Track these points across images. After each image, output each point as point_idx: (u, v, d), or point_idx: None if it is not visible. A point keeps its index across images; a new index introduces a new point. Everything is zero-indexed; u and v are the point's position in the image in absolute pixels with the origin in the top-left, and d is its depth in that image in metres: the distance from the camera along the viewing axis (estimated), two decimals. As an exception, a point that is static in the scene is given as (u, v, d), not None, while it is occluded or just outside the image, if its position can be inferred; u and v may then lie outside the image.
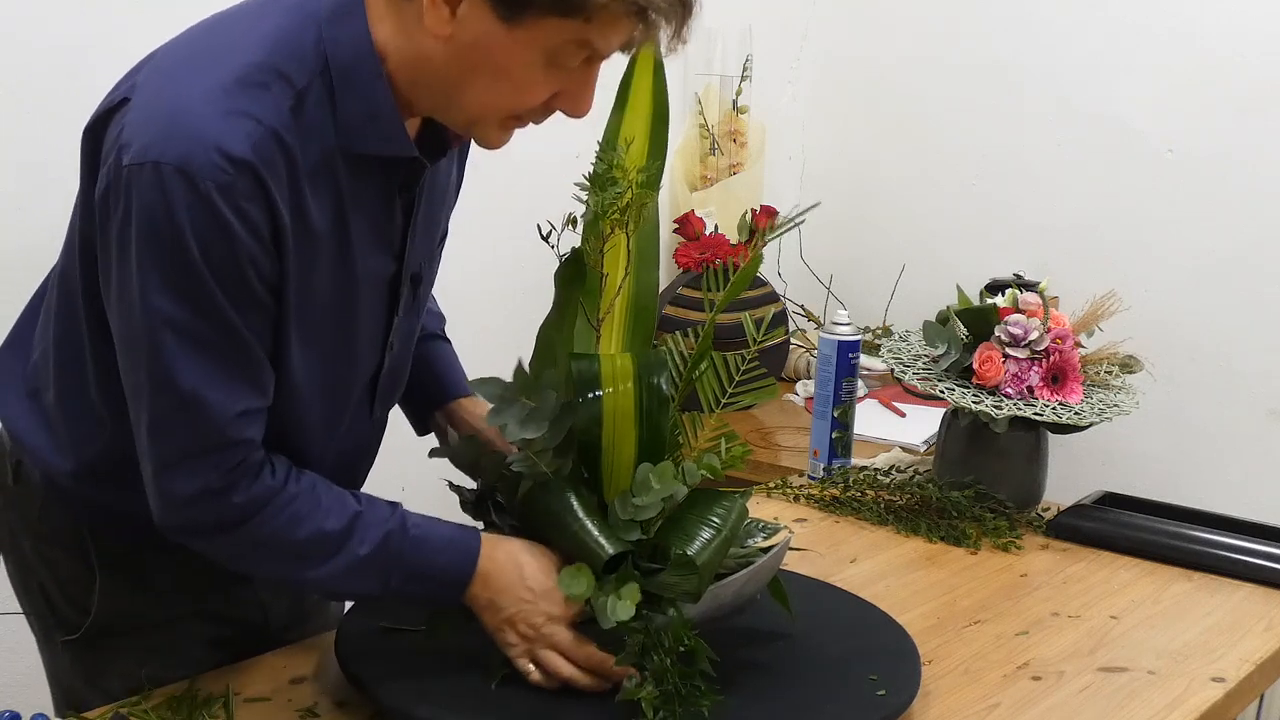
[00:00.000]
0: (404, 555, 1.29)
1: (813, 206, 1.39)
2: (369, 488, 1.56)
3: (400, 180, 1.30)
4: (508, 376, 1.34)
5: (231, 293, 1.18)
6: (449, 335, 1.65)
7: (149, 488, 1.25)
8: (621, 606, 1.28)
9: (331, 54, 1.20)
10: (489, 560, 1.32)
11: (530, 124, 1.27)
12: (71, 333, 1.32)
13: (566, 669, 1.31)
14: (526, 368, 1.35)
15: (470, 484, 1.46)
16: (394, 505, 1.32)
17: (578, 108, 1.25)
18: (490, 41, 1.17)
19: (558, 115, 1.28)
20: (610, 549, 1.31)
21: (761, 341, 1.47)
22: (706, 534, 1.33)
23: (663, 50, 1.25)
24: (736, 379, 1.46)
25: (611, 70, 1.41)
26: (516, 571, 1.32)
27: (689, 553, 1.30)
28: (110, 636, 1.42)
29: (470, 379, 1.37)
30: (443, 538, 1.32)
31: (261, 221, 1.17)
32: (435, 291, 1.66)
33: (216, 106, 1.15)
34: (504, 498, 1.40)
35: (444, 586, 1.32)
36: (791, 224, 1.38)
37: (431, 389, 1.58)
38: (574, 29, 1.17)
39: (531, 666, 1.32)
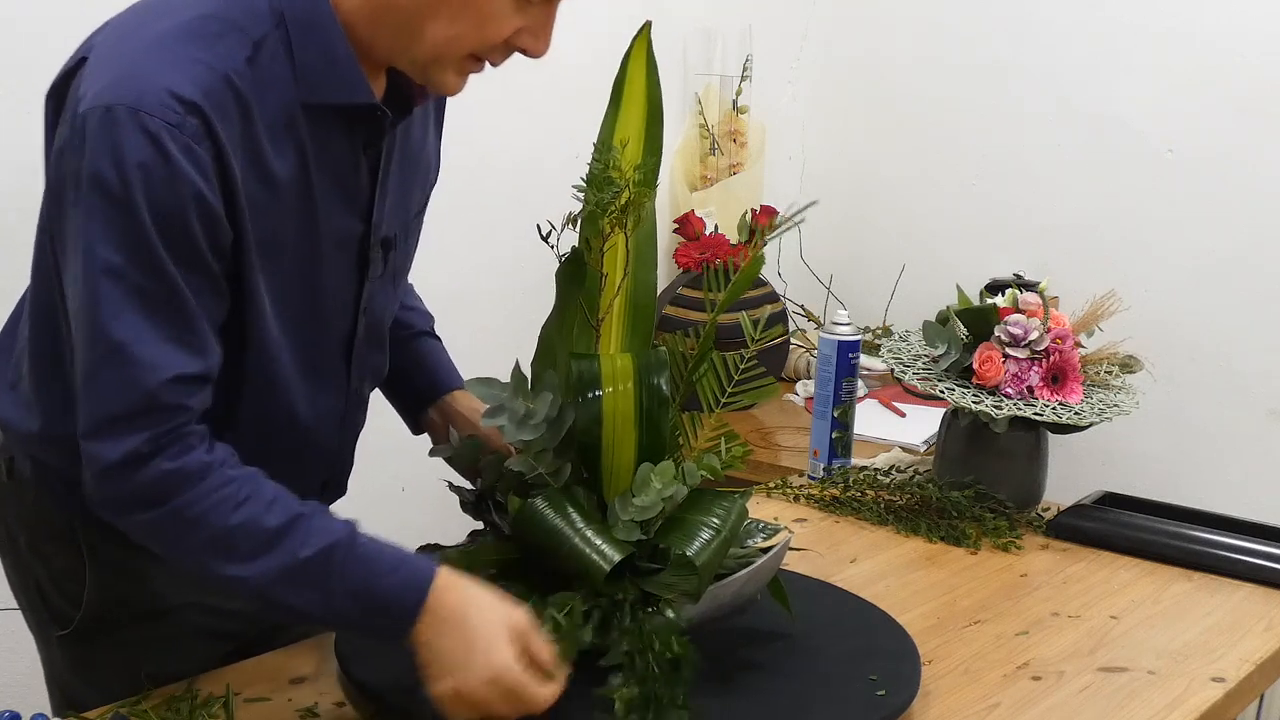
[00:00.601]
0: (348, 569, 1.20)
1: (810, 205, 1.39)
2: (368, 489, 1.57)
3: (364, 136, 1.30)
4: (507, 377, 1.34)
5: (175, 246, 1.16)
6: (449, 334, 1.64)
7: (82, 456, 1.20)
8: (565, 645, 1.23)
9: (285, 6, 1.22)
10: (444, 592, 1.21)
11: (489, 66, 1.28)
12: (48, 312, 1.30)
13: (539, 702, 1.22)
14: (526, 368, 1.35)
15: (470, 485, 1.46)
16: (348, 521, 1.24)
17: (537, 46, 1.26)
18: None
19: (557, 112, 1.27)
20: (614, 556, 1.30)
21: (761, 341, 1.47)
22: (706, 534, 1.32)
23: None
24: (736, 379, 1.46)
25: (609, 70, 1.41)
26: (461, 627, 1.21)
27: (689, 553, 1.30)
28: (103, 630, 1.41)
29: (468, 379, 1.37)
30: (394, 558, 1.23)
31: (210, 164, 1.17)
32: (434, 290, 1.66)
33: (169, 53, 1.17)
34: (504, 499, 1.40)
35: (389, 614, 1.21)
36: (790, 223, 1.38)
37: (423, 386, 1.57)
38: None
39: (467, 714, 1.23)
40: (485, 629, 1.21)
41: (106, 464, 1.18)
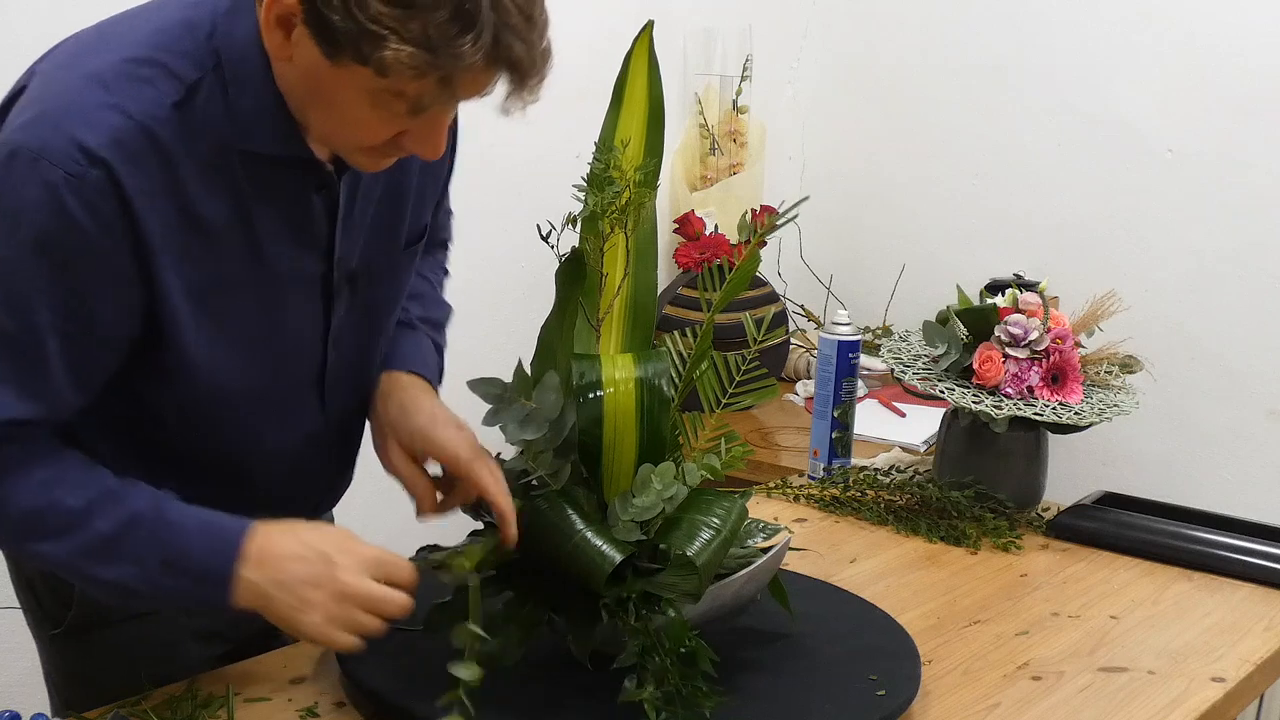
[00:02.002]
0: (156, 538, 1.21)
1: (802, 200, 1.38)
2: (369, 489, 1.57)
3: (315, 180, 1.27)
4: (507, 377, 1.34)
5: (54, 294, 1.15)
6: (448, 334, 1.63)
7: None
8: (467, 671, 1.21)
9: (224, 49, 1.18)
10: (263, 538, 1.22)
11: (399, 155, 1.24)
12: None
13: (374, 625, 1.24)
14: (527, 368, 1.35)
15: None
16: (159, 492, 1.24)
17: (423, 151, 1.21)
18: (320, 74, 1.14)
19: (557, 112, 1.27)
20: (616, 557, 1.30)
21: (761, 341, 1.47)
22: (706, 534, 1.32)
23: (503, 106, 1.17)
24: (737, 379, 1.46)
25: (608, 70, 1.41)
26: (294, 541, 1.23)
27: (689, 553, 1.30)
28: (94, 629, 1.41)
29: (468, 379, 1.36)
30: (202, 522, 1.23)
31: (113, 217, 1.14)
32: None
33: (88, 98, 1.15)
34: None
35: (204, 577, 1.22)
36: (785, 219, 1.37)
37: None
38: (377, 80, 1.12)
39: (347, 635, 1.23)
40: (315, 531, 1.25)
41: None
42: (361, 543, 1.26)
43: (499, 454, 1.39)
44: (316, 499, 1.50)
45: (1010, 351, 1.89)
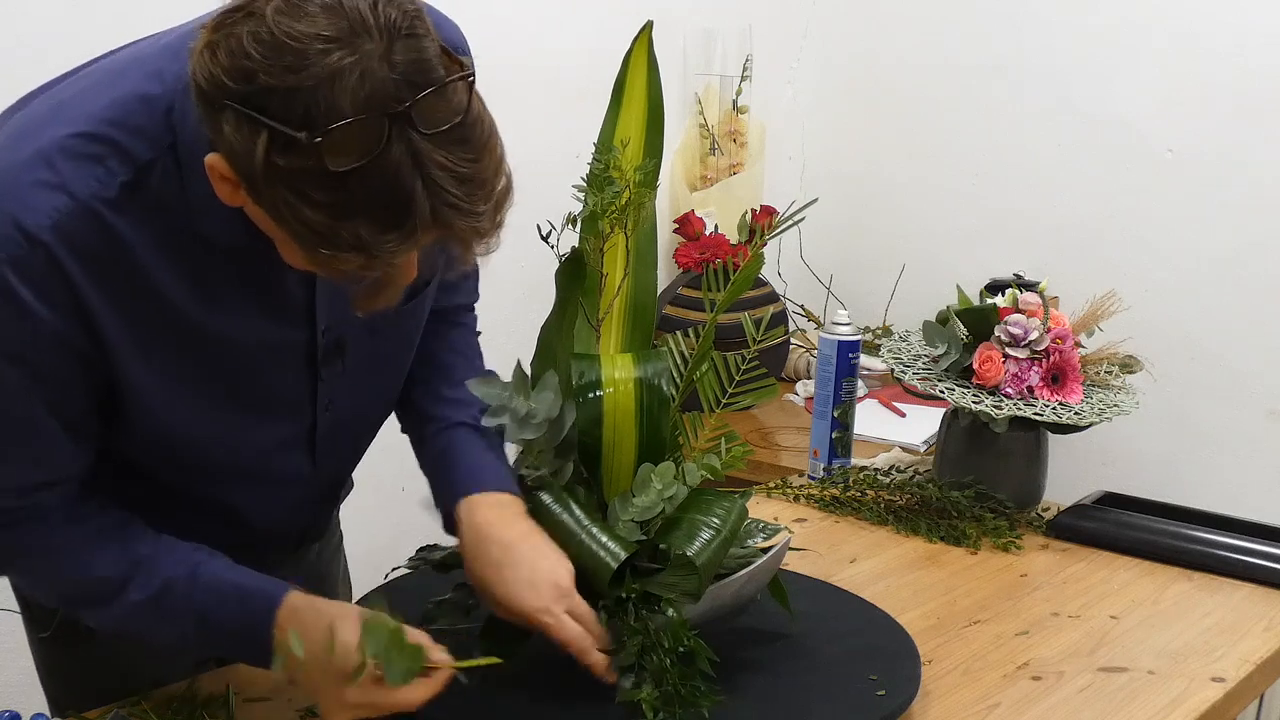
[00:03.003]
0: (192, 601, 1.22)
1: (810, 203, 1.39)
2: (368, 489, 1.57)
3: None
4: (507, 377, 1.34)
5: (23, 367, 1.13)
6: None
7: None
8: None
9: (180, 128, 1.12)
10: (287, 615, 1.22)
11: None
12: None
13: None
14: (526, 368, 1.35)
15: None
16: (196, 551, 1.24)
17: (372, 304, 1.11)
18: (269, 228, 1.08)
19: (557, 112, 1.26)
20: (621, 553, 1.30)
21: (761, 341, 1.47)
22: (706, 534, 1.32)
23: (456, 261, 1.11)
24: (737, 379, 1.46)
25: (608, 70, 1.41)
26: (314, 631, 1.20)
27: (689, 553, 1.30)
28: (81, 636, 1.40)
29: (468, 380, 1.35)
30: (236, 588, 1.23)
31: (62, 298, 1.11)
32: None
33: (33, 176, 1.10)
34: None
35: (241, 641, 1.24)
36: (790, 222, 1.38)
37: (441, 488, 1.41)
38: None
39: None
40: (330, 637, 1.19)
41: None
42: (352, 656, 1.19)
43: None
44: (304, 529, 1.49)
45: (1010, 351, 1.89)
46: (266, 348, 1.25)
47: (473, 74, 1.05)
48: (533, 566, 1.28)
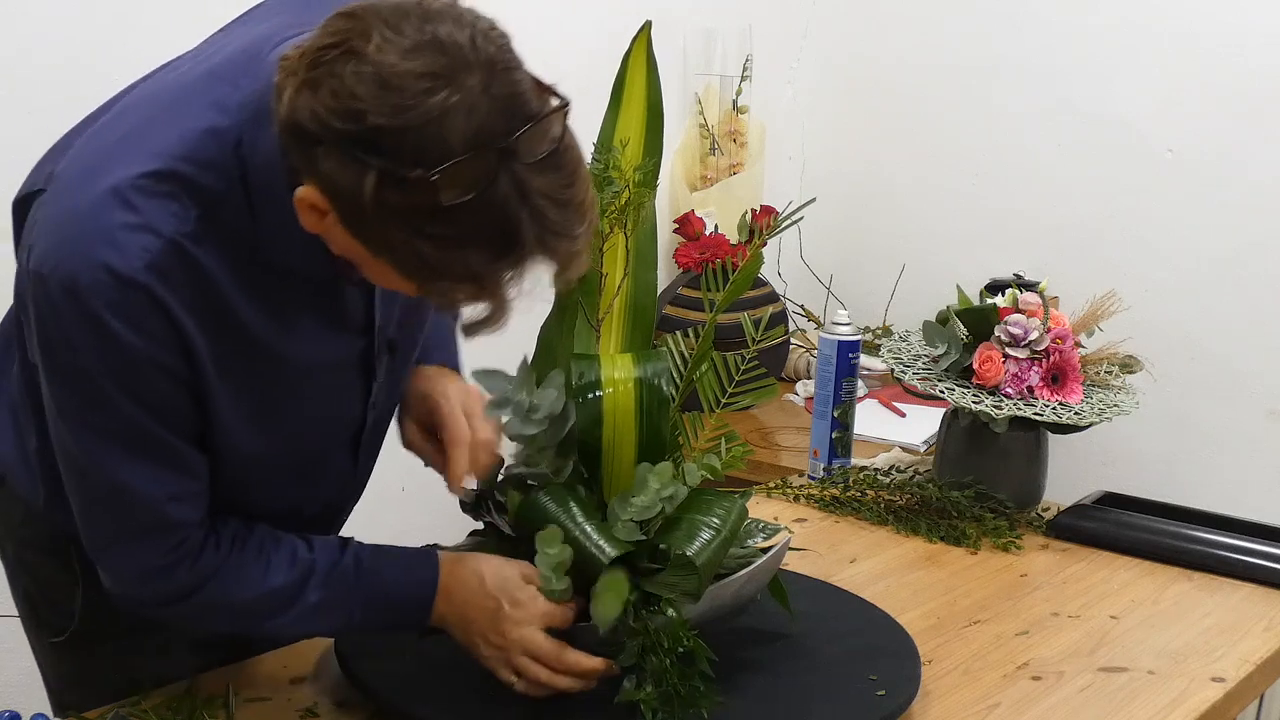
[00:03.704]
0: (359, 590, 1.29)
1: (809, 202, 1.39)
2: (369, 489, 1.57)
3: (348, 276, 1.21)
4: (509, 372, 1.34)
5: (141, 399, 1.16)
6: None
7: (96, 565, 1.26)
8: (606, 604, 1.26)
9: (249, 160, 1.13)
10: (449, 576, 1.31)
11: None
12: (31, 375, 1.28)
13: (545, 674, 1.29)
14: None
15: (470, 484, 1.45)
16: (345, 543, 1.31)
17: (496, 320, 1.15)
18: (360, 256, 1.11)
19: None
20: (611, 552, 1.30)
21: (761, 341, 1.47)
22: (706, 534, 1.32)
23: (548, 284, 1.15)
24: (736, 379, 1.46)
25: (609, 70, 1.41)
26: (477, 582, 1.30)
27: (688, 553, 1.30)
28: (96, 641, 1.41)
29: (473, 369, 1.36)
30: (396, 566, 1.31)
31: (162, 331, 1.13)
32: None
33: (112, 219, 1.11)
34: (504, 499, 1.40)
35: (407, 612, 1.31)
36: (789, 221, 1.38)
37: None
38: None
39: (513, 676, 1.30)
40: (497, 570, 1.30)
41: (123, 576, 1.25)
42: (535, 591, 1.30)
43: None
44: (330, 522, 1.50)
45: (1010, 351, 1.89)
46: (332, 359, 1.29)
47: (569, 104, 1.10)
48: (458, 381, 1.41)
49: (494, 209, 1.03)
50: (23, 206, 1.23)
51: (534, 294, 1.13)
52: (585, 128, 1.35)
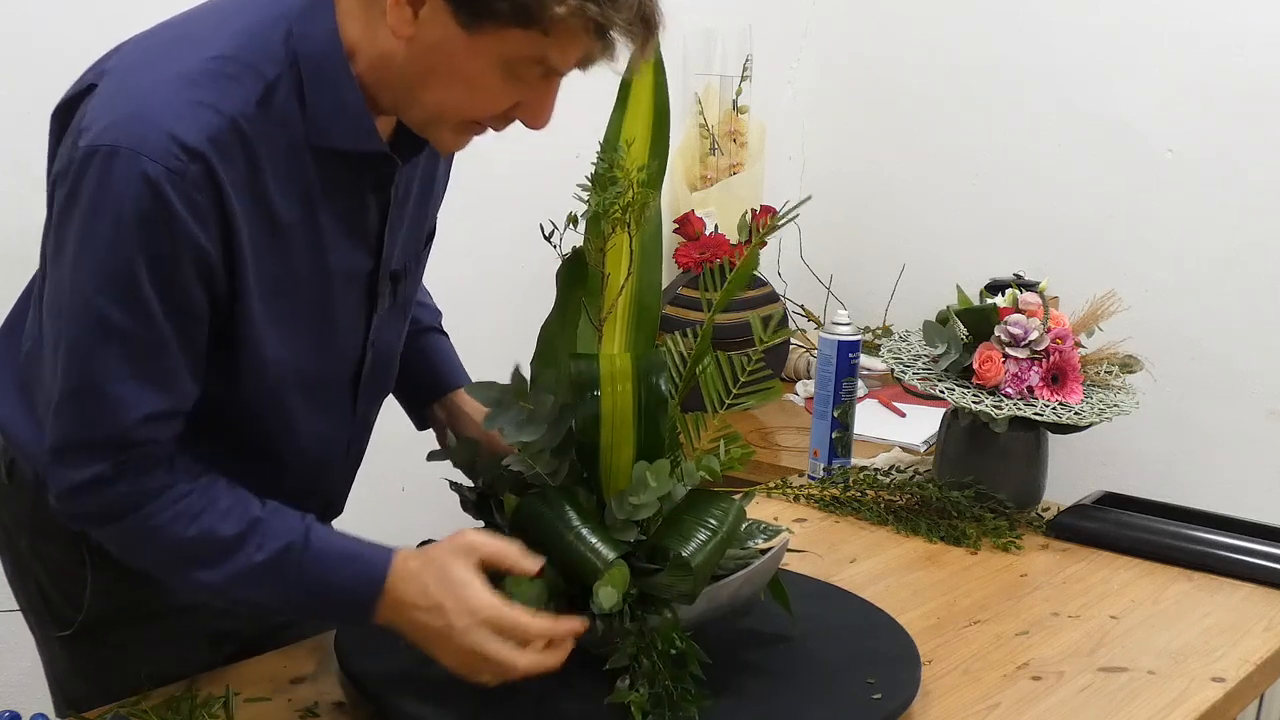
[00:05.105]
0: (303, 567, 1.25)
1: (804, 201, 1.38)
2: (368, 489, 1.57)
3: (373, 179, 1.31)
4: (506, 378, 1.34)
5: (165, 292, 1.17)
6: (449, 332, 1.64)
7: (45, 467, 1.25)
8: (606, 594, 1.25)
9: (301, 49, 1.21)
10: (395, 578, 1.26)
11: (490, 131, 1.28)
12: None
13: (517, 670, 1.25)
14: (525, 370, 1.35)
15: (471, 483, 1.45)
16: (304, 517, 1.28)
17: (536, 120, 1.26)
18: (450, 47, 1.18)
19: (557, 112, 1.27)
20: (609, 554, 1.30)
21: (768, 342, 1.47)
22: (703, 535, 1.32)
23: (624, 67, 1.24)
24: (742, 379, 1.46)
25: (609, 70, 1.41)
26: (419, 590, 1.25)
27: (685, 553, 1.30)
28: (104, 631, 1.42)
29: (465, 385, 1.37)
30: (345, 553, 1.27)
31: (210, 212, 1.17)
32: (434, 290, 1.66)
33: (178, 96, 1.16)
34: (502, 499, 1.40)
35: (346, 606, 1.28)
36: (786, 219, 1.37)
37: (428, 382, 1.58)
38: (532, 41, 1.17)
39: (485, 676, 1.26)
40: (440, 570, 1.25)
41: (70, 484, 1.23)
42: (480, 594, 1.24)
43: None
44: (330, 496, 1.50)
45: (1010, 351, 1.89)
46: (343, 276, 1.32)
47: None
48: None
49: None
50: (70, 107, 1.24)
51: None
52: (586, 128, 1.36)
